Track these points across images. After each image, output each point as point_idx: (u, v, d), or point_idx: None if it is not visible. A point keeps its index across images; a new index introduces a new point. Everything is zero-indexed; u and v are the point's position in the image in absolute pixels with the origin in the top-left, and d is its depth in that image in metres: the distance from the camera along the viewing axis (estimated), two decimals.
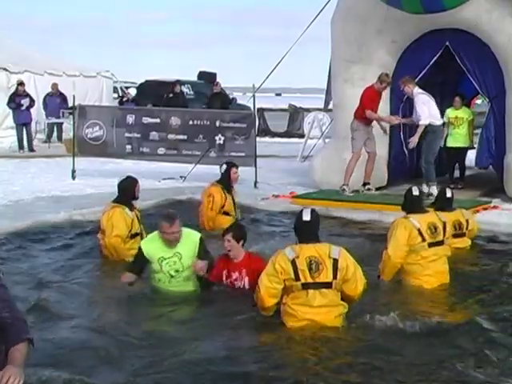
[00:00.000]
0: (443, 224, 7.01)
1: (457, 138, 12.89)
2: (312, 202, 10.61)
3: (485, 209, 10.86)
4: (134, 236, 7.80)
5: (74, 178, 13.51)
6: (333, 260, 5.54)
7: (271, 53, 33.55)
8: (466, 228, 8.40)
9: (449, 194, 8.40)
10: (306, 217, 5.72)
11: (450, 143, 12.95)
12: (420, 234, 6.82)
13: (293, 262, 5.49)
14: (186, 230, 6.52)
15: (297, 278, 5.49)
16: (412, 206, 7.09)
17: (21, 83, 18.85)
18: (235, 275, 6.35)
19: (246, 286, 6.29)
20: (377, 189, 12.14)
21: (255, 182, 12.87)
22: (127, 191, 7.93)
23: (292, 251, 5.56)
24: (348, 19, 12.36)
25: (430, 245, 6.86)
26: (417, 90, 11.47)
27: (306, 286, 5.50)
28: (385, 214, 10.13)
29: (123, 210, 7.76)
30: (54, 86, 20.03)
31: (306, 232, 5.70)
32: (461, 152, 13.05)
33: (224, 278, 6.41)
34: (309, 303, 5.52)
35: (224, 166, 9.57)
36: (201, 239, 6.51)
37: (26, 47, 24.20)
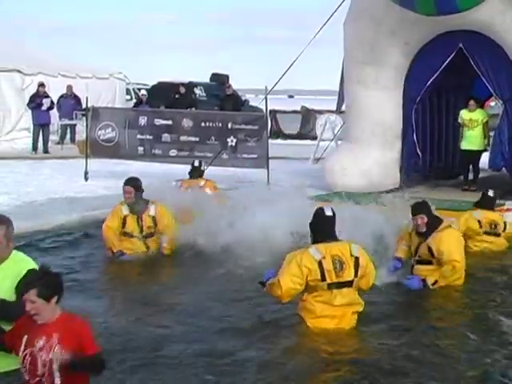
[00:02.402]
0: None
1: (471, 140, 12.79)
2: (324, 204, 10.57)
3: (498, 211, 10.79)
4: (127, 235, 7.88)
5: (86, 179, 13.53)
6: (354, 258, 5.58)
7: (284, 54, 33.51)
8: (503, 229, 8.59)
9: (492, 194, 8.57)
10: (329, 212, 5.69)
11: (464, 146, 12.87)
12: None
13: (319, 263, 5.48)
14: (18, 254, 4.61)
15: (323, 279, 5.50)
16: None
17: (41, 84, 18.94)
18: (42, 342, 4.08)
19: (55, 365, 4.01)
20: (390, 191, 12.10)
21: (267, 184, 12.84)
22: None
23: (317, 252, 5.53)
24: (361, 21, 12.32)
25: None
26: None
27: (331, 286, 5.54)
28: (398, 216, 10.09)
29: (120, 206, 7.98)
30: (69, 88, 20.13)
31: (328, 228, 5.65)
32: (475, 154, 12.97)
33: (22, 347, 4.13)
34: (330, 302, 5.57)
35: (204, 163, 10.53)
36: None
37: (40, 49, 24.34)
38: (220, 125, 13.43)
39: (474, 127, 12.71)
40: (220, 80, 27.35)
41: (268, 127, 14.48)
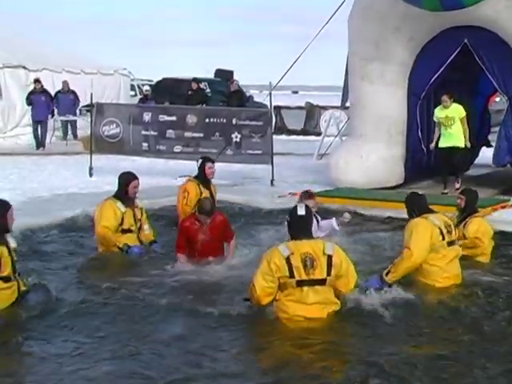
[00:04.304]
0: (452, 225, 6.98)
1: (450, 138, 11.93)
2: (329, 200, 10.60)
3: (503, 207, 10.79)
4: (125, 231, 7.69)
5: (91, 175, 13.58)
6: (327, 256, 5.52)
7: (288, 50, 33.53)
8: None
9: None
10: (301, 211, 5.70)
11: (443, 143, 12.03)
12: (441, 232, 6.66)
13: (287, 259, 5.46)
14: None
15: (291, 276, 5.45)
16: (420, 209, 6.89)
17: (37, 80, 18.92)
18: None
19: None
20: (394, 187, 12.09)
21: (272, 180, 12.86)
22: (120, 186, 7.83)
23: (286, 248, 5.53)
24: (365, 17, 12.31)
25: (449, 244, 6.78)
26: None
27: (300, 284, 5.47)
28: (402, 211, 10.08)
29: (113, 203, 7.67)
30: (65, 83, 19.85)
31: (301, 227, 5.67)
32: (456, 151, 12.00)
33: None
34: (303, 300, 5.49)
35: (199, 161, 9.44)
36: None
37: (44, 45, 24.35)
38: (224, 121, 13.44)
39: (450, 125, 11.89)
40: (224, 76, 27.40)
41: (272, 123, 14.51)
